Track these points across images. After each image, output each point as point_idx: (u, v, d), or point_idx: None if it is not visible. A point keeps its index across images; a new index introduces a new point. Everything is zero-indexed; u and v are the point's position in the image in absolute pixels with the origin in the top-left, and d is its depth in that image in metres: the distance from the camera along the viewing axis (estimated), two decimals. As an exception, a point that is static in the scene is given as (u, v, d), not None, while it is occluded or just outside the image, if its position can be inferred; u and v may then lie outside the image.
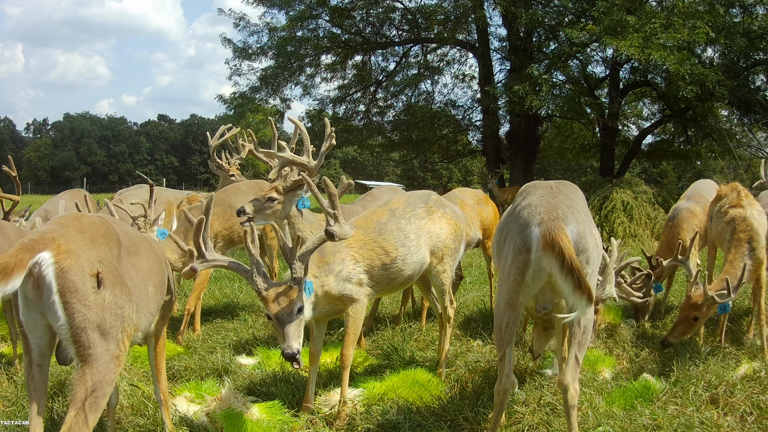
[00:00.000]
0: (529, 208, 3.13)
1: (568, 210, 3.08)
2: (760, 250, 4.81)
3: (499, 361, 3.22)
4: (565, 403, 3.09)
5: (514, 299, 3.13)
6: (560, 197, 3.18)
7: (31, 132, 79.51)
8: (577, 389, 3.07)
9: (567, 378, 3.04)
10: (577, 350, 3.07)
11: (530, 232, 3.01)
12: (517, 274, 3.07)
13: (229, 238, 5.99)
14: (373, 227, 4.07)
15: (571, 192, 3.38)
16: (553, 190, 3.27)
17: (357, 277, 3.88)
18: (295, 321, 3.20)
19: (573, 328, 3.08)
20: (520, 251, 3.06)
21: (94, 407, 2.33)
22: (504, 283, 3.24)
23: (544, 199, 3.14)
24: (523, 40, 17.73)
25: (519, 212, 3.20)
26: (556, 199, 3.14)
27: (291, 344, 3.15)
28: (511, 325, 3.15)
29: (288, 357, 3.16)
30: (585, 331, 3.09)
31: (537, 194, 3.25)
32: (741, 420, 3.60)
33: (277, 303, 3.18)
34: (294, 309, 3.20)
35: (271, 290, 3.20)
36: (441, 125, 20.34)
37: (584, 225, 3.09)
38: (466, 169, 50.98)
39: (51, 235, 2.35)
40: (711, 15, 14.42)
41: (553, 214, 3.00)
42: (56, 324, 2.32)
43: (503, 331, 3.16)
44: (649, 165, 26.94)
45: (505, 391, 3.17)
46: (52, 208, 6.80)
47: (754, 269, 4.81)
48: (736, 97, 15.30)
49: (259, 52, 20.14)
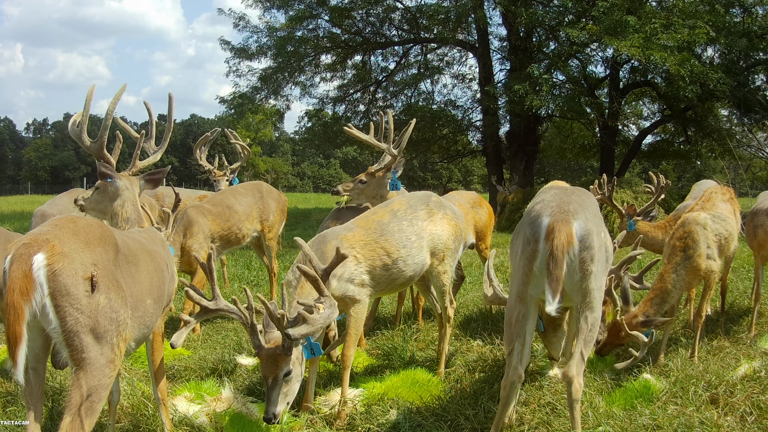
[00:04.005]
0: (542, 203, 3.23)
1: (580, 208, 3.16)
2: (696, 259, 4.65)
3: (507, 355, 3.23)
4: (569, 396, 3.11)
5: (524, 292, 3.16)
6: (573, 197, 3.28)
7: (31, 132, 79.48)
8: (581, 383, 3.09)
9: (572, 371, 3.07)
10: (583, 346, 3.11)
11: (540, 222, 3.10)
12: (526, 266, 3.13)
13: (227, 238, 6.01)
14: (374, 228, 4.07)
15: (585, 195, 3.47)
16: (568, 191, 3.39)
17: (359, 278, 3.89)
18: (278, 385, 3.31)
19: (580, 324, 3.12)
20: (529, 242, 3.13)
21: (89, 412, 2.31)
22: (514, 277, 3.30)
23: (558, 197, 3.24)
24: (523, 40, 17.74)
25: (533, 207, 3.29)
26: (570, 198, 3.24)
27: (269, 409, 3.29)
28: (521, 320, 3.17)
29: (264, 420, 3.30)
30: (591, 328, 3.13)
31: (552, 192, 3.36)
32: (741, 420, 3.60)
33: (266, 365, 3.31)
34: (279, 375, 3.30)
35: (263, 352, 3.32)
36: (441, 125, 20.34)
37: (593, 224, 3.15)
38: (466, 169, 50.95)
39: (45, 236, 2.32)
40: (711, 15, 14.42)
41: (564, 209, 3.10)
42: (48, 327, 2.28)
43: (513, 326, 3.19)
44: (649, 165, 26.88)
45: (512, 384, 3.17)
46: (49, 210, 6.80)
47: (688, 280, 4.67)
48: (736, 97, 15.31)
49: (259, 53, 20.14)
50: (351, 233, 4.00)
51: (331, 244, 3.87)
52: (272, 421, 3.27)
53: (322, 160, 70.18)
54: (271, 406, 3.29)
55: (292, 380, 3.37)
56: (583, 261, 3.06)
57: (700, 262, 4.67)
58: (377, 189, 5.41)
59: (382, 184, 5.41)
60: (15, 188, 54.43)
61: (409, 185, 26.76)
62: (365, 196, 5.45)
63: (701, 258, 4.67)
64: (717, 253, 4.79)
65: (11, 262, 2.24)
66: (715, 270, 4.77)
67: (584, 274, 3.07)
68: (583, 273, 3.07)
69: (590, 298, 3.10)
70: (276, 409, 3.29)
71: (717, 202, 5.18)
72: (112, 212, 4.22)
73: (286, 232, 11.45)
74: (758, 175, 26.24)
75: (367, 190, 5.42)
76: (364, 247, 3.95)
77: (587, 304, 3.11)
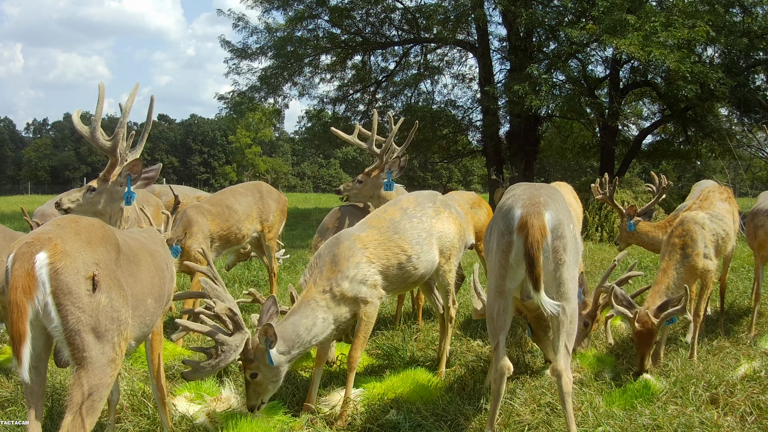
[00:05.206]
0: (513, 197, 3.33)
1: (550, 200, 3.26)
2: (694, 257, 4.69)
3: (494, 350, 3.32)
4: (560, 390, 3.17)
5: (502, 286, 3.26)
6: (542, 190, 3.39)
7: (31, 132, 79.46)
8: (570, 377, 3.17)
9: (560, 365, 3.14)
10: (566, 339, 3.19)
11: (513, 214, 3.20)
12: (502, 258, 3.21)
13: (226, 239, 6.01)
14: (387, 226, 4.08)
15: (553, 189, 3.58)
16: (536, 186, 3.51)
17: (372, 279, 3.89)
18: (249, 385, 3.62)
19: (560, 317, 3.18)
20: (503, 234, 3.22)
21: (91, 411, 2.31)
22: (492, 271, 3.40)
23: (528, 191, 3.35)
24: (523, 39, 17.74)
25: (505, 202, 3.39)
26: (539, 191, 3.35)
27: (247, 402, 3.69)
28: (503, 313, 3.28)
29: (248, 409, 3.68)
30: (572, 320, 3.22)
31: (521, 188, 3.49)
32: (741, 420, 3.60)
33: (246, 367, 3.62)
34: (247, 375, 3.62)
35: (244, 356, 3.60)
36: (441, 125, 20.34)
37: (563, 215, 3.25)
38: (466, 169, 50.95)
39: (47, 235, 2.33)
40: (711, 15, 14.42)
41: (535, 201, 3.21)
42: (50, 326, 2.30)
43: (495, 320, 3.30)
44: (649, 165, 26.89)
45: (501, 376, 3.25)
46: (49, 210, 6.80)
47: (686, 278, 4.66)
48: (736, 97, 15.31)
49: (259, 53, 20.15)
50: (364, 233, 4.01)
51: (344, 245, 3.89)
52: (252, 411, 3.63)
53: (322, 160, 70.20)
54: (247, 400, 3.68)
55: (262, 381, 3.60)
56: (556, 250, 3.14)
57: (698, 261, 4.69)
58: (373, 189, 5.60)
59: (377, 184, 5.58)
60: (15, 188, 54.44)
61: (409, 185, 26.73)
62: (362, 195, 5.66)
63: (699, 257, 4.69)
64: (713, 252, 4.81)
65: (14, 260, 2.26)
66: (711, 270, 4.78)
67: (557, 264, 3.15)
68: (557, 262, 3.15)
69: (565, 288, 3.18)
70: (250, 403, 3.64)
71: (715, 201, 5.18)
72: (112, 212, 4.21)
73: (286, 232, 11.46)
74: (758, 175, 26.25)
75: (364, 189, 5.61)
76: (378, 246, 3.96)
77: (563, 294, 3.18)
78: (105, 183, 4.17)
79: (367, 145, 5.66)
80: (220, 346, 3.41)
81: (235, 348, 3.43)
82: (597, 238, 13.18)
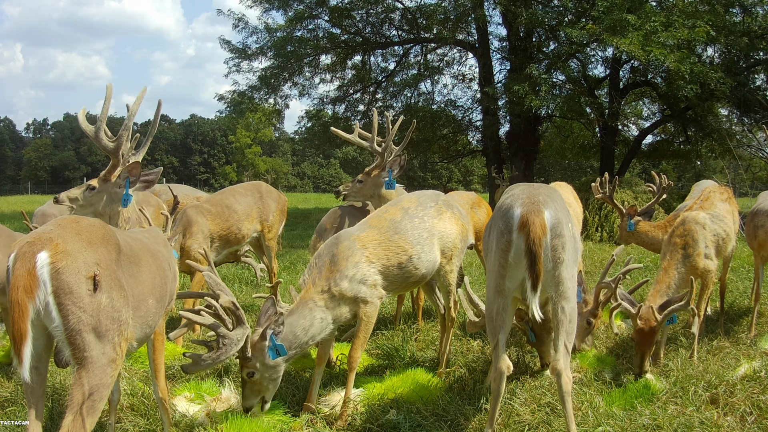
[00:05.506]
0: (512, 197, 3.34)
1: (548, 199, 3.27)
2: (695, 257, 4.70)
3: (493, 350, 3.32)
4: (560, 390, 3.17)
5: (501, 285, 3.26)
6: (541, 190, 3.41)
7: (31, 132, 79.48)
8: (570, 376, 3.17)
9: (560, 364, 3.14)
10: (565, 338, 3.19)
11: (512, 213, 3.20)
12: (501, 257, 3.21)
13: (226, 238, 6.01)
14: (387, 226, 4.07)
15: (551, 189, 3.59)
16: (535, 186, 3.52)
17: (372, 279, 3.89)
18: (246, 384, 3.62)
19: (559, 316, 3.18)
20: (503, 233, 3.22)
21: (91, 411, 2.32)
22: (491, 271, 3.40)
23: (526, 191, 3.36)
24: (523, 40, 17.74)
25: (504, 201, 3.40)
26: (538, 191, 3.37)
27: (243, 402, 3.67)
28: (502, 312, 3.28)
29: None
30: (571, 319, 3.22)
31: (520, 188, 3.50)
32: (741, 420, 3.60)
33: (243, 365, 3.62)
34: (244, 374, 3.62)
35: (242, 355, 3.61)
36: (441, 125, 20.33)
37: (562, 214, 3.26)
38: (466, 169, 50.97)
39: (49, 235, 2.34)
40: (711, 15, 14.42)
41: (534, 200, 3.22)
42: (51, 326, 2.31)
43: (494, 319, 3.30)
44: (649, 165, 26.90)
45: (501, 375, 3.25)
46: (50, 210, 6.80)
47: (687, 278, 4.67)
48: (736, 97, 15.32)
49: (258, 53, 20.14)
50: (364, 233, 4.01)
51: (343, 245, 3.89)
52: (247, 411, 3.63)
53: (322, 160, 70.22)
54: (243, 399, 3.66)
55: (259, 380, 3.60)
56: (554, 249, 3.15)
57: (699, 261, 4.70)
58: (373, 188, 5.61)
59: (378, 183, 5.59)
60: (15, 188, 54.48)
61: (409, 185, 26.73)
62: (362, 195, 5.68)
63: (699, 257, 4.70)
64: (714, 252, 4.81)
65: (15, 260, 2.27)
66: (711, 270, 4.78)
67: (556, 262, 3.16)
68: (555, 261, 3.16)
69: (564, 287, 3.18)
70: (245, 403, 3.63)
71: (715, 201, 5.19)
72: (112, 212, 4.21)
73: (286, 232, 11.46)
74: (758, 175, 26.23)
75: (364, 189, 5.63)
76: (378, 246, 3.95)
77: (561, 294, 3.18)
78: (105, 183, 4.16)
79: (369, 144, 5.67)
80: (221, 339, 3.40)
81: (236, 342, 3.43)
82: (597, 238, 13.17)
